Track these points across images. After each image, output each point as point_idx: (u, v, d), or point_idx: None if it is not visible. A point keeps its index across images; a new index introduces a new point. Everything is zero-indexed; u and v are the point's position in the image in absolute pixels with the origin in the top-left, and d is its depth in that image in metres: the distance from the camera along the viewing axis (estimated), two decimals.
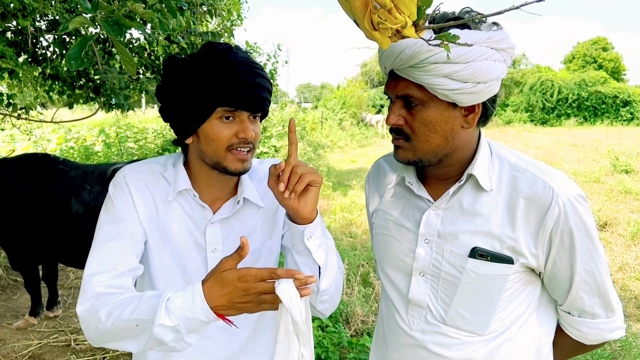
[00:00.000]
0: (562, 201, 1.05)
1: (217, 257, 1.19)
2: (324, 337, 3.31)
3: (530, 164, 1.13)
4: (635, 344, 3.69)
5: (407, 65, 0.99)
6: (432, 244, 1.15)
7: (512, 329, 1.16)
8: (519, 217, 1.08)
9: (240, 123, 1.13)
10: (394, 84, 1.07)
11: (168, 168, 1.25)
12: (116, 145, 8.78)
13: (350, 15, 0.84)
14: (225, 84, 1.09)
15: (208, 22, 4.60)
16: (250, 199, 1.25)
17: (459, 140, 1.09)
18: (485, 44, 0.96)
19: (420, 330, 1.20)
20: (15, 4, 3.30)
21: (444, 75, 0.97)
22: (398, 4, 0.76)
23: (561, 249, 1.08)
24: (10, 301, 4.26)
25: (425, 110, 1.04)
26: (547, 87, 29.41)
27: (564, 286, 1.13)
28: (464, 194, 1.13)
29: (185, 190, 1.21)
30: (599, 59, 38.68)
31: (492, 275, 1.10)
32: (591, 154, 12.92)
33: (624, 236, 6.23)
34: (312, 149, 12.74)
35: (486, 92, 1.01)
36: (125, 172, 1.22)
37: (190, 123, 1.14)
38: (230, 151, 1.14)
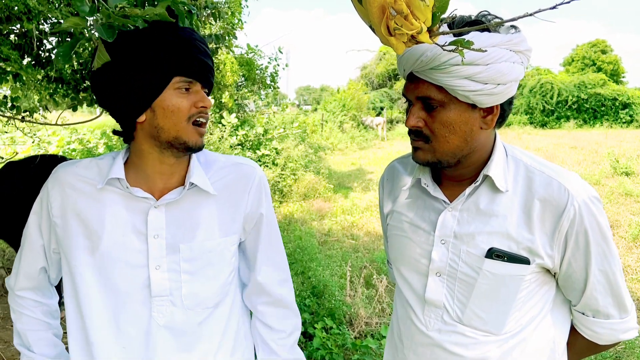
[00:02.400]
0: (578, 203, 1.07)
1: (159, 243, 1.17)
2: (328, 339, 3.32)
3: (545, 165, 1.14)
4: (638, 343, 3.70)
5: (428, 67, 1.01)
6: (449, 244, 1.16)
7: (527, 330, 1.17)
8: (534, 218, 1.09)
9: (196, 93, 1.14)
10: (414, 86, 1.08)
11: (105, 158, 1.23)
12: (118, 147, 8.79)
13: (366, 21, 0.86)
14: (183, 52, 1.10)
15: (211, 25, 4.62)
16: (200, 185, 1.20)
17: (477, 141, 1.10)
18: (504, 46, 0.98)
19: (437, 329, 1.20)
20: (19, 7, 3.32)
21: (465, 77, 0.99)
22: (414, 11, 0.78)
23: (576, 250, 1.09)
24: None
25: (445, 111, 1.06)
26: (546, 90, 29.44)
27: (578, 287, 1.14)
28: (480, 195, 1.14)
29: (117, 180, 1.17)
30: (598, 62, 38.72)
31: (509, 276, 1.11)
32: (591, 156, 12.94)
33: (625, 238, 6.25)
34: (313, 151, 12.76)
35: (505, 94, 1.03)
36: (52, 172, 1.23)
37: (144, 97, 1.10)
38: (190, 123, 1.13)
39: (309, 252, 5.25)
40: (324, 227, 7.15)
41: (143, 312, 1.18)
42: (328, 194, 9.24)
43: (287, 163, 9.98)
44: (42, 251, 1.27)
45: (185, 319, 1.21)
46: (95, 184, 1.18)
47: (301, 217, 7.64)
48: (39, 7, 3.32)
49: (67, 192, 1.19)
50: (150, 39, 1.10)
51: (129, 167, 1.21)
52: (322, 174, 10.41)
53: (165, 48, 1.09)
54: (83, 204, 1.18)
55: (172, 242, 1.19)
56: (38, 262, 1.28)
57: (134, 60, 1.09)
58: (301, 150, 10.85)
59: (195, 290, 1.21)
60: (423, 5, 0.77)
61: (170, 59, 1.09)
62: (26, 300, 1.31)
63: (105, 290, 1.18)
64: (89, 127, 13.02)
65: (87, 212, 1.17)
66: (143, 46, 1.09)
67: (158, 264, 1.18)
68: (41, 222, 1.24)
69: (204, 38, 1.16)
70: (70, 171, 1.21)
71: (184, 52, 1.10)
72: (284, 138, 10.90)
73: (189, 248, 1.20)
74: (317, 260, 5.08)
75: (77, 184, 1.19)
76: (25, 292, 1.31)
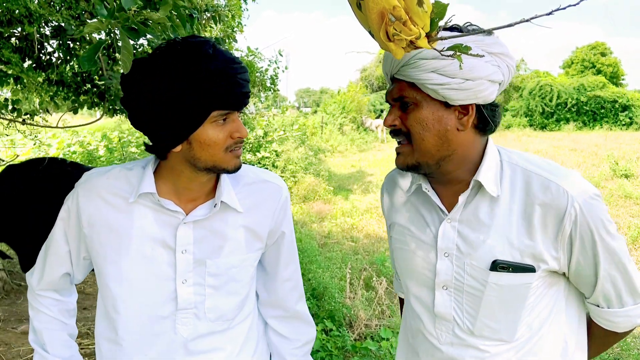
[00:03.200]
0: (578, 204, 1.05)
1: (187, 258, 1.19)
2: (328, 341, 3.33)
3: (542, 167, 1.12)
4: (634, 344, 3.71)
5: (401, 65, 1.04)
6: (452, 257, 1.15)
7: (540, 332, 1.16)
8: (536, 223, 1.08)
9: (232, 123, 1.11)
10: (392, 89, 1.12)
11: (135, 168, 1.21)
12: (118, 149, 8.80)
13: (365, 26, 0.87)
14: (222, 85, 1.04)
15: (212, 28, 4.64)
16: (229, 203, 1.20)
17: (455, 142, 1.09)
18: (473, 43, 1.00)
19: (449, 343, 1.19)
20: (21, 10, 3.33)
21: (432, 70, 1.01)
22: (413, 17, 0.79)
23: (582, 249, 1.08)
24: (15, 305, 4.27)
25: (419, 109, 1.07)
26: (546, 92, 29.47)
27: (589, 281, 1.13)
28: (478, 204, 1.13)
29: (150, 194, 1.16)
30: (597, 64, 38.78)
31: (516, 286, 1.10)
32: (590, 159, 12.96)
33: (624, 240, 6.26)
34: (313, 153, 12.78)
35: (477, 91, 1.03)
36: (80, 181, 1.23)
37: (179, 131, 1.06)
38: (227, 152, 1.12)
39: (309, 255, 5.26)
40: (323, 229, 7.16)
41: (167, 324, 1.21)
42: (328, 196, 9.25)
43: (287, 165, 9.99)
44: (67, 257, 1.29)
45: (207, 331, 1.24)
46: (126, 197, 1.17)
47: (301, 220, 7.65)
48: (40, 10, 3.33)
49: (98, 204, 1.18)
50: (182, 70, 1.02)
51: (158, 178, 1.19)
52: (322, 176, 10.43)
53: (204, 82, 1.02)
54: (113, 216, 1.18)
55: (199, 257, 1.20)
56: (62, 267, 1.30)
57: (163, 95, 1.03)
58: (301, 152, 10.87)
59: (218, 304, 1.24)
60: (421, 12, 0.78)
61: (210, 94, 1.03)
62: (46, 299, 1.33)
63: (132, 302, 1.20)
64: (90, 129, 13.04)
65: (116, 224, 1.18)
66: (174, 79, 1.02)
67: (185, 278, 1.19)
68: (68, 230, 1.25)
69: (237, 57, 1.10)
70: (102, 182, 1.20)
71: (223, 84, 1.04)
72: (283, 140, 10.92)
73: (215, 264, 1.21)
74: (317, 262, 5.09)
75: (108, 196, 1.18)
76: (46, 292, 1.33)
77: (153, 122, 1.08)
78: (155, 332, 1.21)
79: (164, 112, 1.04)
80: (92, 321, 3.83)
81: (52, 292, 1.34)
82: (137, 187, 1.17)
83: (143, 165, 1.21)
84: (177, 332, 1.21)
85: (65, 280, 1.34)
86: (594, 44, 40.15)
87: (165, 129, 1.07)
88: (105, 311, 1.24)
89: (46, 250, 1.31)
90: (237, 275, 1.25)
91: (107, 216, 1.18)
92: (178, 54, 1.03)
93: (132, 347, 1.21)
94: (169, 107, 1.04)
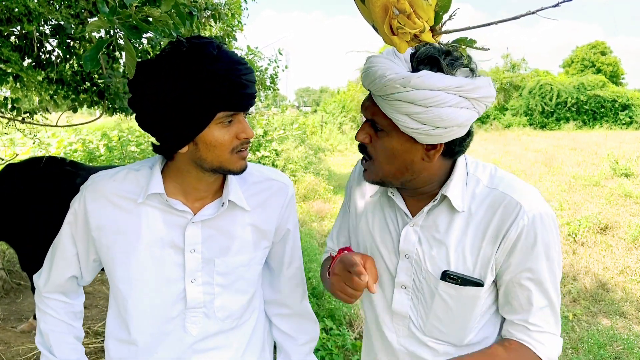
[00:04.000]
0: (529, 217, 1.06)
1: (196, 257, 1.19)
2: (328, 340, 3.32)
3: (505, 182, 1.13)
4: (636, 342, 3.71)
5: (377, 94, 1.02)
6: (412, 260, 1.17)
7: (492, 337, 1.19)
8: (488, 236, 1.09)
9: (238, 124, 1.10)
10: (367, 106, 1.09)
11: (142, 169, 1.20)
12: (118, 148, 8.80)
13: (369, 20, 0.86)
14: (226, 87, 1.03)
15: (211, 27, 4.63)
16: (236, 202, 1.20)
17: (419, 169, 1.09)
18: (452, 91, 0.95)
19: (405, 336, 1.23)
20: (20, 9, 3.32)
21: (405, 113, 0.97)
22: (417, 10, 0.78)
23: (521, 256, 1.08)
24: (14, 304, 4.26)
25: (389, 138, 1.06)
26: (546, 91, 29.49)
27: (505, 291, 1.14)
28: (439, 215, 1.14)
29: (158, 194, 1.16)
30: (597, 63, 38.81)
31: (463, 297, 1.12)
32: (591, 158, 12.96)
33: (624, 239, 6.25)
34: (313, 152, 12.77)
35: (446, 136, 1.01)
36: (87, 183, 1.21)
37: (185, 133, 1.06)
38: (233, 153, 1.12)
39: (309, 254, 5.26)
40: (323, 228, 7.16)
41: (177, 323, 1.21)
42: (328, 195, 9.24)
43: (286, 164, 9.99)
44: (75, 260, 1.28)
45: (217, 330, 1.25)
46: (134, 199, 1.17)
47: (301, 219, 7.64)
48: (39, 8, 3.32)
49: (106, 207, 1.18)
50: (187, 72, 1.01)
51: (166, 178, 1.18)
52: (321, 175, 10.42)
53: (208, 83, 1.02)
54: (121, 218, 1.17)
55: (208, 256, 1.20)
56: (69, 270, 1.29)
57: (169, 97, 1.03)
58: (301, 151, 10.87)
59: (227, 303, 1.24)
60: (426, 5, 0.78)
61: (214, 96, 1.03)
62: (52, 301, 1.32)
63: (142, 302, 1.20)
64: (89, 128, 13.03)
65: (125, 226, 1.17)
66: (179, 81, 1.02)
67: (194, 277, 1.20)
68: (76, 233, 1.24)
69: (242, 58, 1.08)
70: (109, 185, 1.19)
71: (227, 85, 1.03)
72: (283, 139, 10.92)
73: (223, 262, 1.22)
74: (317, 261, 5.08)
75: (115, 198, 1.18)
76: (53, 294, 1.32)
77: (159, 123, 1.08)
78: (165, 331, 1.21)
79: (169, 113, 1.04)
80: (92, 320, 3.82)
81: (59, 294, 1.33)
82: (145, 187, 1.16)
83: (150, 166, 1.20)
84: (186, 331, 1.22)
85: (72, 282, 1.33)
86: (594, 43, 40.18)
87: (170, 130, 1.07)
88: (117, 311, 1.24)
89: (53, 252, 1.29)
90: (245, 274, 1.26)
91: (115, 218, 1.17)
92: (182, 55, 1.03)
93: (144, 347, 1.22)
94: (174, 108, 1.03)
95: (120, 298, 1.21)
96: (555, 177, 10.38)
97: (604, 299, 4.72)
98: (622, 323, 4.20)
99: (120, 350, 1.25)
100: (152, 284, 1.19)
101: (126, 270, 1.18)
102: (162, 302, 1.20)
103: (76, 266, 1.29)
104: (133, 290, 1.19)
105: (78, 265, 1.29)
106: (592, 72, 36.35)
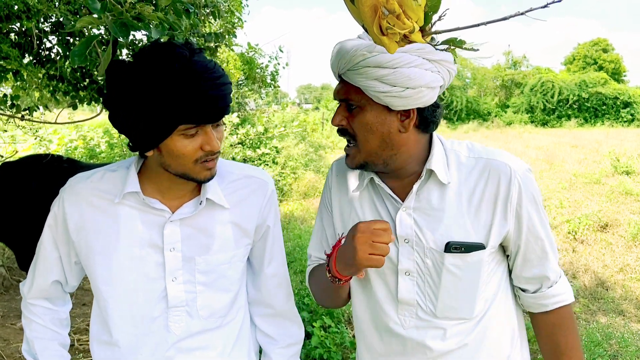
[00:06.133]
0: (519, 175, 1.15)
1: (175, 256, 1.19)
2: (327, 338, 3.33)
3: (485, 150, 1.21)
4: (632, 340, 3.71)
5: (347, 69, 1.08)
6: (412, 243, 1.19)
7: (493, 305, 1.23)
8: (485, 200, 1.16)
9: (204, 135, 1.08)
10: (339, 89, 1.15)
11: (119, 170, 1.21)
12: (119, 145, 8.80)
13: (359, 20, 0.86)
14: (190, 101, 1.00)
15: (210, 24, 4.62)
16: (214, 200, 1.21)
17: (398, 143, 1.14)
18: (415, 53, 1.01)
19: (413, 327, 1.22)
20: (19, 6, 3.32)
21: (375, 78, 1.04)
22: (406, 10, 0.78)
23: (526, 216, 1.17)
24: (14, 301, 4.28)
25: (364, 113, 1.11)
26: (547, 88, 29.44)
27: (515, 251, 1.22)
28: (429, 192, 1.18)
29: (135, 193, 1.17)
30: (599, 60, 38.68)
31: (469, 265, 1.16)
32: (592, 155, 12.93)
33: (624, 237, 6.25)
34: (313, 150, 12.77)
35: (416, 98, 1.06)
36: (65, 186, 1.21)
37: (149, 139, 1.07)
38: (197, 164, 1.10)
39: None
40: None
41: (160, 322, 1.21)
42: None
43: (287, 162, 9.99)
44: (57, 263, 1.27)
45: (200, 329, 1.24)
46: (111, 198, 1.17)
47: (301, 216, 7.65)
48: (38, 5, 3.32)
49: (84, 209, 1.18)
50: (152, 79, 1.00)
51: (142, 177, 1.19)
52: (322, 173, 10.41)
53: (170, 94, 1.00)
54: (100, 219, 1.18)
55: (188, 255, 1.20)
56: (52, 274, 1.28)
57: (135, 102, 1.02)
58: (301, 149, 10.86)
59: (210, 301, 1.24)
60: (415, 5, 0.78)
61: (175, 108, 1.00)
62: (37, 308, 1.31)
63: (123, 302, 1.20)
64: (90, 125, 13.04)
65: (104, 227, 1.18)
66: (144, 88, 1.00)
67: (174, 276, 1.20)
68: (57, 236, 1.24)
69: (216, 65, 1.06)
70: (86, 186, 1.19)
71: (192, 98, 1.01)
72: (284, 137, 10.91)
73: (204, 261, 1.22)
74: None
75: (94, 199, 1.18)
76: (38, 301, 1.32)
77: (125, 125, 1.08)
78: (148, 331, 1.21)
79: (133, 117, 1.04)
80: None
81: (44, 300, 1.32)
82: (121, 187, 1.17)
83: (127, 166, 1.21)
84: (169, 330, 1.21)
85: (57, 288, 1.32)
86: (595, 40, 40.05)
87: (136, 134, 1.08)
88: (99, 313, 1.24)
89: (36, 258, 1.29)
90: (227, 272, 1.26)
91: (93, 220, 1.18)
92: (150, 62, 1.01)
93: (127, 347, 1.21)
94: (138, 114, 1.03)
95: (102, 299, 1.21)
96: (556, 174, 10.37)
97: (603, 297, 4.72)
98: (620, 321, 4.21)
99: (104, 351, 1.25)
100: (133, 283, 1.19)
101: (107, 271, 1.19)
102: (144, 302, 1.20)
103: (59, 270, 1.28)
104: (114, 291, 1.19)
105: (61, 269, 1.28)
106: (594, 69, 36.24)
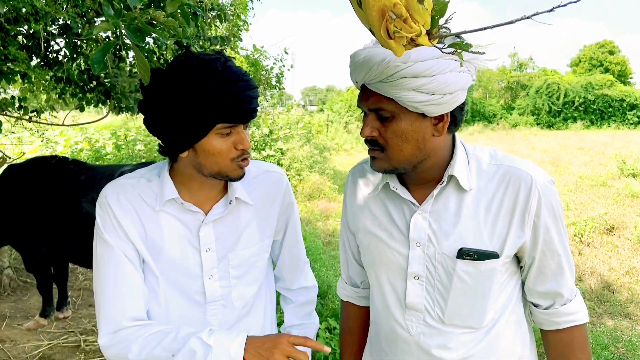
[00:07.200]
0: (540, 185, 1.12)
1: (211, 256, 1.27)
2: (331, 339, 3.33)
3: (507, 158, 1.18)
4: (639, 343, 3.69)
5: (377, 80, 1.03)
6: (424, 247, 1.18)
7: (503, 316, 1.20)
8: (504, 208, 1.13)
9: (237, 135, 1.16)
10: (366, 98, 1.11)
11: (152, 179, 1.26)
12: (126, 148, 8.85)
13: (366, 24, 0.87)
14: (227, 101, 1.10)
15: (217, 27, 4.65)
16: (242, 198, 1.29)
17: (430, 147, 1.12)
18: (448, 56, 0.98)
19: (420, 333, 1.21)
20: (27, 9, 3.35)
21: (412, 88, 1.00)
22: (413, 14, 0.79)
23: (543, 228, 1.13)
24: (20, 302, 4.31)
25: (397, 122, 1.07)
26: (553, 90, 29.34)
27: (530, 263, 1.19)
28: (448, 197, 1.17)
29: (173, 199, 1.23)
30: (605, 62, 38.55)
31: (481, 273, 1.14)
32: (598, 158, 12.89)
33: (630, 240, 6.22)
34: (318, 151, 12.78)
35: (453, 102, 1.04)
36: (106, 193, 1.22)
37: (186, 139, 1.14)
38: (233, 162, 1.18)
39: (313, 253, 5.27)
40: (328, 227, 7.17)
41: (200, 315, 1.29)
42: (333, 195, 9.25)
43: (292, 163, 10.00)
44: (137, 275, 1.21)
45: (235, 318, 1.33)
46: (152, 205, 1.23)
47: (306, 218, 7.66)
48: (46, 8, 3.35)
49: (133, 217, 1.22)
50: (191, 85, 1.08)
51: (174, 182, 1.24)
52: (327, 175, 10.43)
53: (208, 96, 1.08)
54: (147, 225, 1.23)
55: (221, 253, 1.29)
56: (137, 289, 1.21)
57: (174, 106, 1.10)
58: (306, 150, 10.88)
59: (243, 292, 1.33)
60: (422, 9, 0.78)
61: (214, 108, 1.09)
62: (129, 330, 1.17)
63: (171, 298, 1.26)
64: (97, 127, 13.10)
65: (150, 233, 1.23)
66: (184, 93, 1.08)
67: (211, 274, 1.28)
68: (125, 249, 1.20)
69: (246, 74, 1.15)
70: (131, 193, 1.23)
71: (229, 100, 1.10)
72: (289, 138, 10.93)
73: (236, 256, 1.31)
74: (321, 260, 5.10)
75: (139, 205, 1.23)
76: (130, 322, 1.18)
77: (162, 128, 1.16)
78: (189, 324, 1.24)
79: (171, 120, 1.12)
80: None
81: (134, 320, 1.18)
82: (159, 194, 1.23)
83: (157, 174, 1.27)
84: (207, 323, 1.29)
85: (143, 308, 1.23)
86: (602, 42, 39.91)
87: (172, 135, 1.15)
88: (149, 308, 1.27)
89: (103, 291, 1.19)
90: (256, 263, 1.35)
91: (141, 227, 1.23)
92: (189, 69, 1.10)
93: None
94: (177, 116, 1.11)
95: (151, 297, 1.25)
96: (562, 177, 10.33)
97: (609, 300, 4.71)
98: (627, 324, 4.19)
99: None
100: (177, 282, 1.26)
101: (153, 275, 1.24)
102: (186, 297, 1.27)
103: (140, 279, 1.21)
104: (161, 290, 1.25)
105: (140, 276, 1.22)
106: (600, 71, 36.11)
